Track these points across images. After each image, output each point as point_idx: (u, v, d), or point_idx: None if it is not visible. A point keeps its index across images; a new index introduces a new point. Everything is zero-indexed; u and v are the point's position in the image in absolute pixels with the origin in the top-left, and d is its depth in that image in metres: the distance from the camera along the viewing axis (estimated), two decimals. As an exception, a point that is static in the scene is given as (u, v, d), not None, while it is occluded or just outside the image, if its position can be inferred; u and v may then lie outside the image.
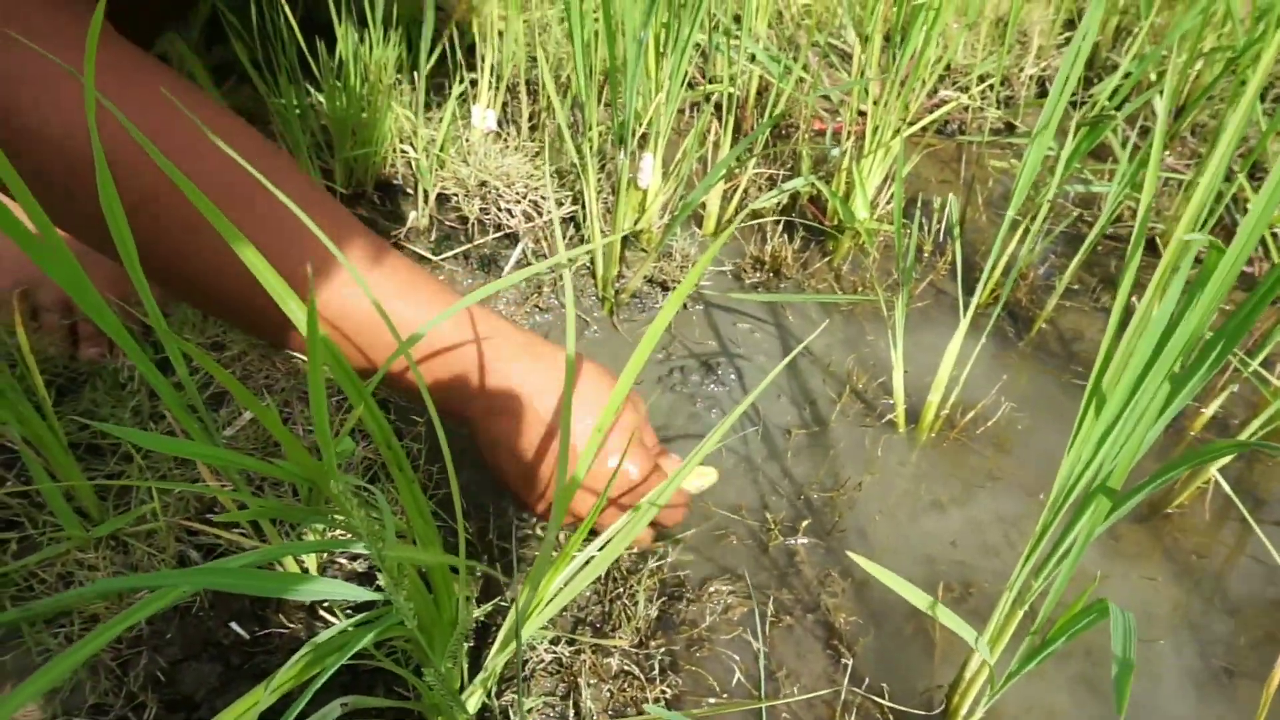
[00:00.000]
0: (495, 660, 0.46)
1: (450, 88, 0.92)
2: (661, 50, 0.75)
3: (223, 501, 0.48)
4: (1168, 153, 0.99)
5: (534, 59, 0.95)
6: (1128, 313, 0.43)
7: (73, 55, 0.41)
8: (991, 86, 1.06)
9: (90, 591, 0.27)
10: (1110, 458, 0.43)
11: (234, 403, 0.60)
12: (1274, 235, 0.89)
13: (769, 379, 0.47)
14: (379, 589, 0.34)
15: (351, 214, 0.49)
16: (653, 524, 0.59)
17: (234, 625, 0.49)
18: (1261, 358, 0.71)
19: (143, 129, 0.35)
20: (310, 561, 0.52)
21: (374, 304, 0.38)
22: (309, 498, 0.43)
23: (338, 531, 0.52)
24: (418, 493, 0.37)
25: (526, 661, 0.53)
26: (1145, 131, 1.04)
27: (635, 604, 0.58)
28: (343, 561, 0.55)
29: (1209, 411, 0.75)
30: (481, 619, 0.54)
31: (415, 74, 0.86)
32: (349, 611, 0.52)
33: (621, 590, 0.59)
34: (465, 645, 0.48)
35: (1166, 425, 0.75)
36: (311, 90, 0.80)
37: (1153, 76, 0.85)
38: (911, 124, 0.90)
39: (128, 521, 0.47)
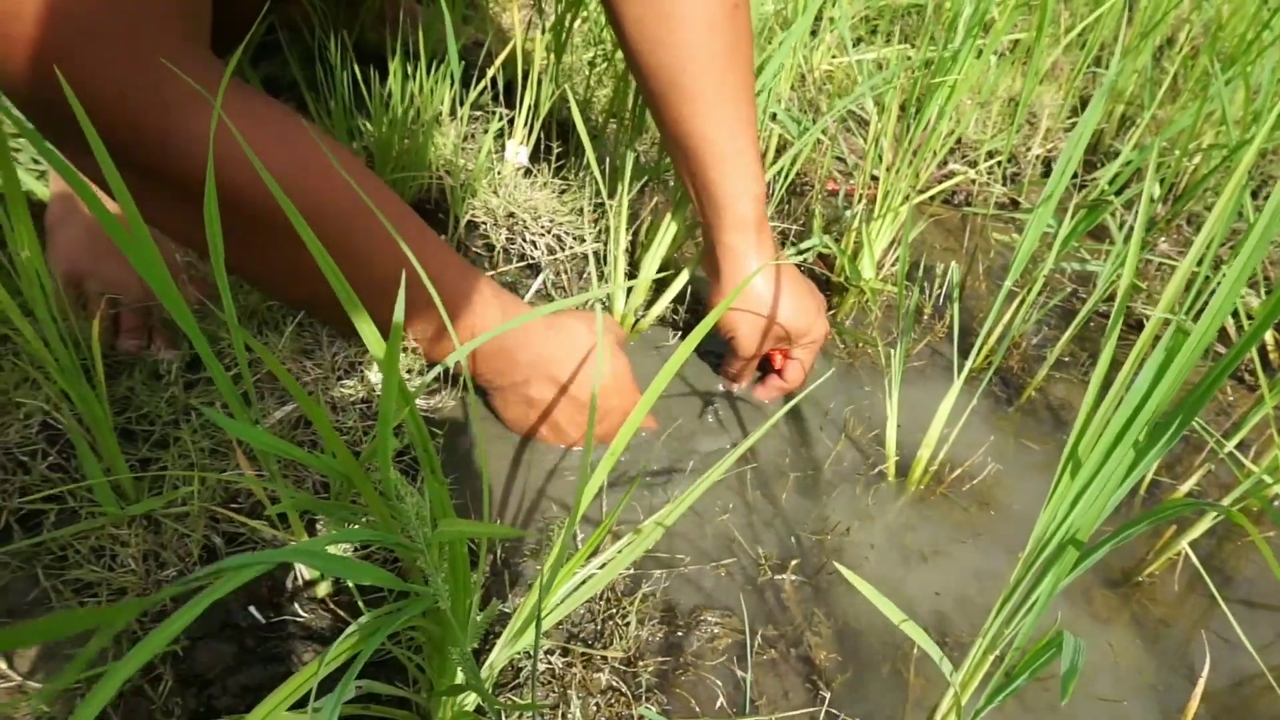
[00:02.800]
0: (500, 656, 0.48)
1: (488, 122, 0.97)
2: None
3: (256, 492, 0.51)
4: (1164, 239, 1.04)
5: (566, 100, 1.00)
6: (1107, 384, 0.46)
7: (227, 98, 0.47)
8: (999, 163, 1.11)
9: (214, 569, 0.30)
10: (1081, 518, 0.47)
11: (265, 400, 0.64)
12: (1249, 317, 0.93)
13: (771, 422, 0.50)
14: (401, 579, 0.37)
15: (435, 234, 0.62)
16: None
17: (252, 609, 0.52)
18: (1237, 440, 0.75)
19: (289, 161, 0.48)
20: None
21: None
22: (339, 492, 0.46)
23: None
24: (445, 494, 0.41)
25: (521, 669, 0.56)
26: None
27: (627, 624, 0.61)
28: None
29: (1184, 488, 0.78)
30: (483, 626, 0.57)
31: (457, 107, 0.91)
32: (359, 605, 0.55)
33: (615, 610, 0.62)
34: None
35: (1142, 497, 0.78)
36: (358, 115, 0.85)
37: (1153, 166, 0.90)
38: (921, 192, 0.95)
39: (162, 504, 0.50)
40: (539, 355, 0.67)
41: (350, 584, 0.52)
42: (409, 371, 0.69)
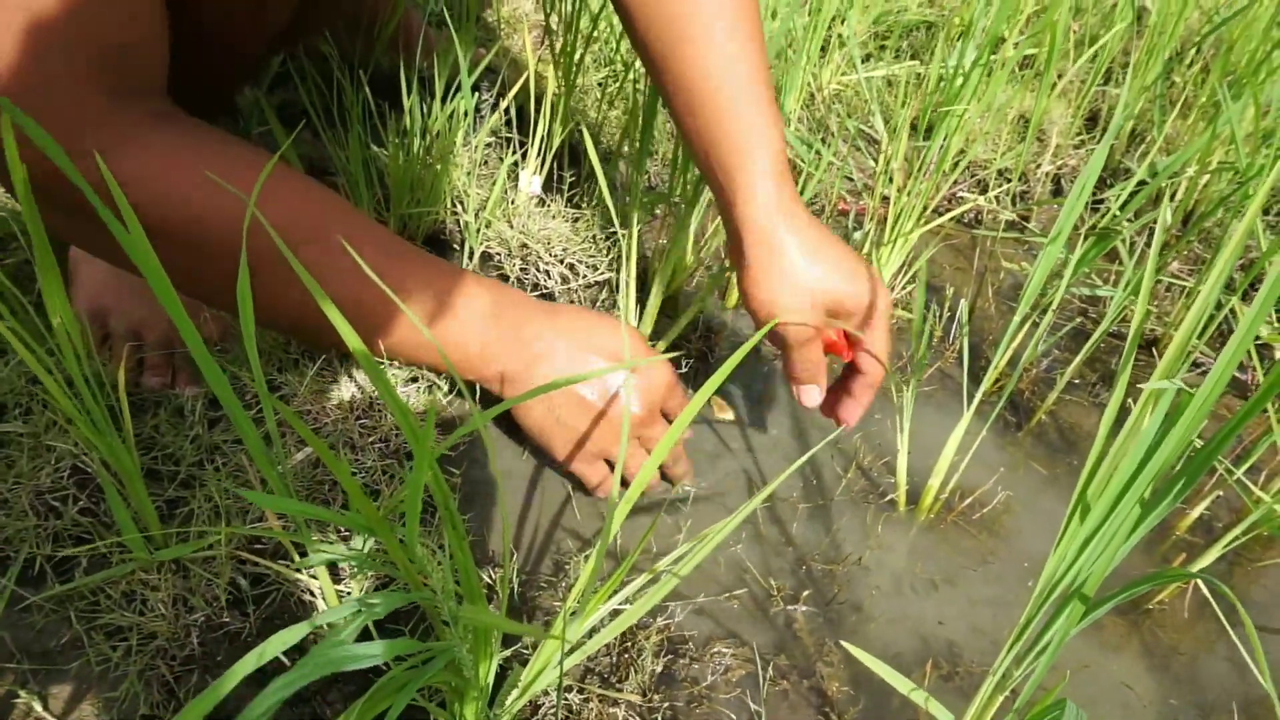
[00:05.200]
0: (518, 700, 0.50)
1: (501, 149, 0.99)
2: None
3: (283, 542, 0.52)
4: (1174, 257, 1.04)
5: (579, 126, 1.01)
6: (1120, 417, 0.47)
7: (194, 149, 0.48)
8: (1009, 179, 1.11)
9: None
10: (1089, 564, 0.48)
11: (286, 442, 0.65)
12: (1265, 348, 0.93)
13: (794, 468, 0.51)
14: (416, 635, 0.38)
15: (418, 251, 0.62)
16: (662, 474, 0.74)
17: (281, 656, 0.53)
18: (1246, 467, 0.76)
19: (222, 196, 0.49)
20: (330, 591, 0.57)
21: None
22: (363, 545, 0.48)
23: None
24: (467, 549, 0.42)
25: (540, 707, 0.57)
26: (1153, 237, 1.09)
27: (642, 657, 0.62)
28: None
29: (1194, 513, 0.79)
30: (498, 669, 0.58)
31: (470, 137, 0.92)
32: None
33: (630, 644, 0.63)
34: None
35: (1152, 528, 0.79)
36: (374, 146, 0.86)
37: (1166, 200, 0.90)
38: (931, 218, 0.96)
39: (190, 550, 0.52)
40: (562, 367, 0.65)
41: (370, 625, 0.54)
42: (412, 381, 0.71)
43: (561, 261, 0.87)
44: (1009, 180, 1.12)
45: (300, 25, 0.70)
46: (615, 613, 0.64)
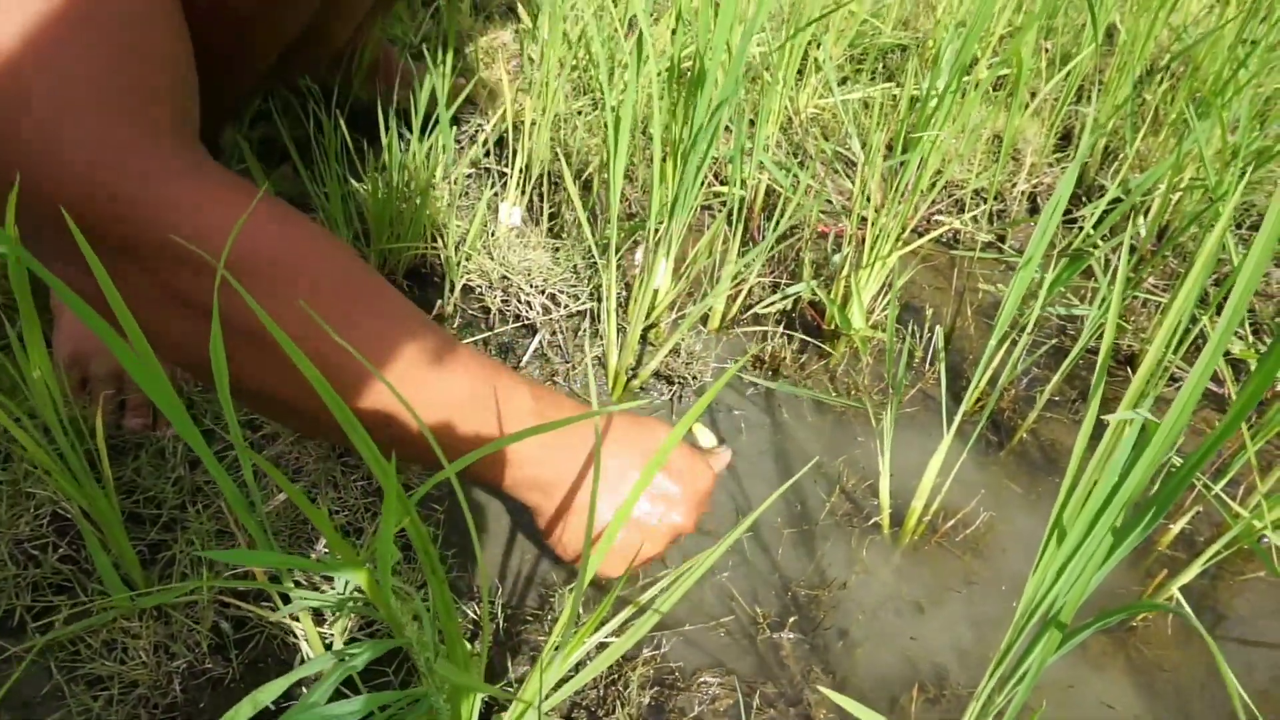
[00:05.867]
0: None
1: (480, 180, 0.99)
2: (679, 162, 0.81)
3: (266, 589, 0.52)
4: (1149, 273, 1.05)
5: (557, 154, 1.02)
6: (1097, 434, 0.48)
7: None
8: (985, 199, 1.12)
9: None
10: (1066, 589, 0.48)
11: (268, 483, 0.65)
12: (1239, 364, 0.95)
13: (777, 495, 0.51)
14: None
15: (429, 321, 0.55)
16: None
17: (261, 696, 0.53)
18: (1224, 482, 0.76)
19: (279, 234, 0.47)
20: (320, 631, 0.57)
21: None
22: (344, 589, 0.48)
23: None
24: (448, 595, 0.42)
25: (526, 743, 0.57)
26: (1130, 252, 1.10)
27: (629, 690, 0.62)
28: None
29: (1175, 529, 0.80)
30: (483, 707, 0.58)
31: (449, 171, 0.92)
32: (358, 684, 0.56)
33: (616, 676, 0.63)
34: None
35: (1134, 546, 0.79)
36: (353, 181, 0.87)
37: (1133, 219, 0.92)
38: (907, 243, 0.97)
39: (172, 597, 0.52)
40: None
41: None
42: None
43: (543, 292, 0.87)
44: (985, 200, 1.13)
45: (286, 64, 0.71)
46: (601, 645, 0.64)
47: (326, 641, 0.57)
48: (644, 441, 0.61)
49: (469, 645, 0.62)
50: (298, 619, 0.54)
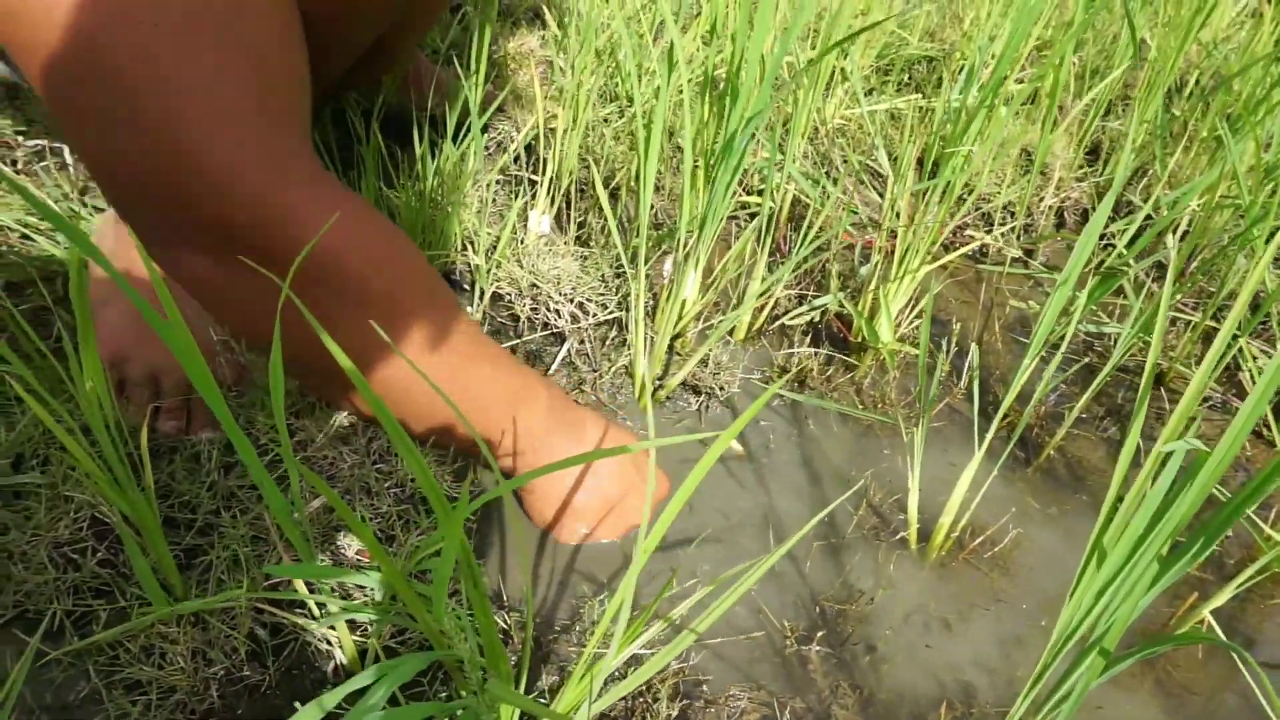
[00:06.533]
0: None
1: (510, 186, 0.99)
2: (710, 171, 0.81)
3: (305, 600, 0.52)
4: (1179, 291, 1.05)
5: (586, 162, 1.02)
6: (1134, 454, 0.48)
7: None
8: (1013, 214, 1.12)
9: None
10: (1108, 612, 0.48)
11: (302, 488, 0.65)
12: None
13: (811, 524, 0.52)
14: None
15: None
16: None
17: (296, 704, 0.53)
18: (1255, 506, 0.76)
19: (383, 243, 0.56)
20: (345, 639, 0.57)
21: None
22: (383, 595, 0.48)
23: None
24: (489, 609, 0.42)
25: (557, 755, 0.57)
26: (1159, 268, 1.10)
27: (658, 703, 0.62)
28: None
29: (1206, 552, 0.79)
30: None
31: (479, 178, 0.93)
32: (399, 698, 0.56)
33: (646, 688, 0.64)
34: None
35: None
36: (385, 188, 0.87)
37: (1173, 255, 0.91)
38: (937, 256, 0.96)
39: (210, 604, 0.52)
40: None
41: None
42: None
43: (571, 300, 0.87)
44: (1013, 214, 1.12)
45: (352, 76, 0.73)
46: (634, 658, 0.64)
47: (361, 649, 0.57)
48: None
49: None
50: (334, 626, 0.55)
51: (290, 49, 0.52)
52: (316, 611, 0.53)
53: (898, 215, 0.98)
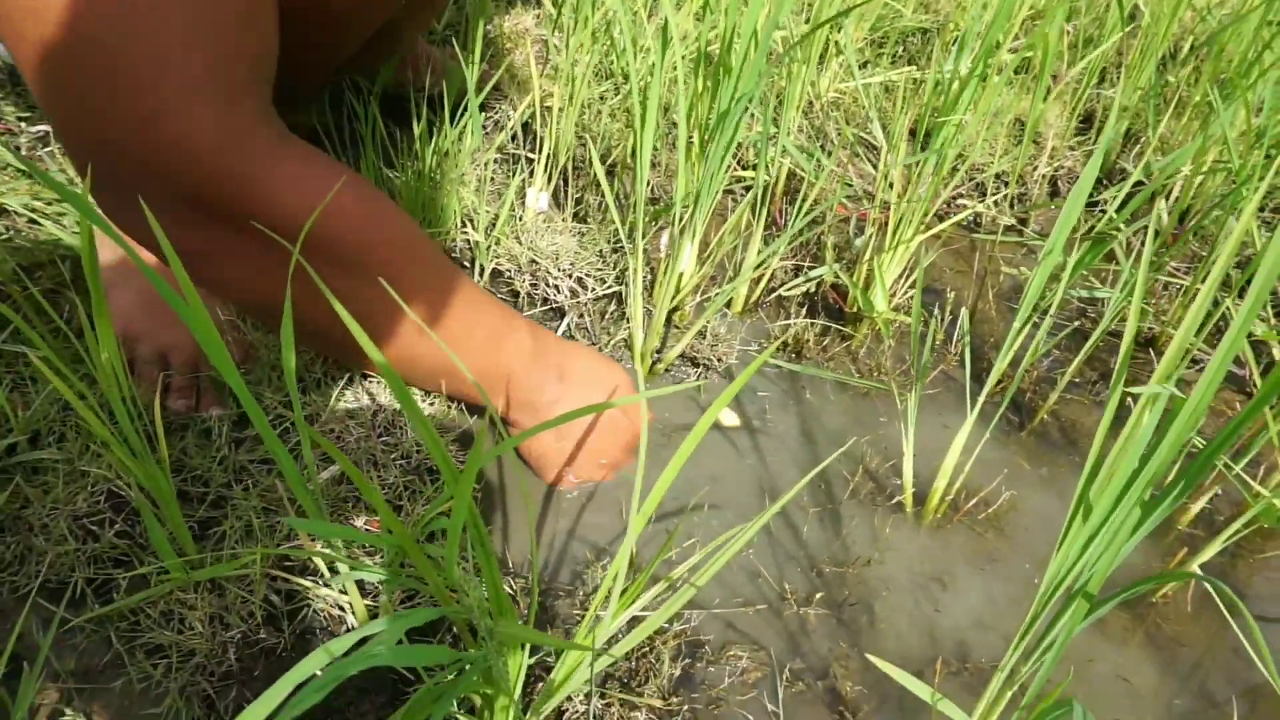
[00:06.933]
0: (545, 704, 0.52)
1: (508, 164, 1.01)
2: (705, 146, 0.83)
3: (316, 562, 0.54)
4: (1170, 256, 1.06)
5: (583, 140, 1.03)
6: (1120, 415, 0.49)
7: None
8: (1006, 183, 1.13)
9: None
10: (1092, 562, 0.50)
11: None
12: (1260, 345, 0.95)
13: (807, 480, 0.53)
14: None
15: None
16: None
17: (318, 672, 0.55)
18: (1245, 462, 0.78)
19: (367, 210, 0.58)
20: (357, 605, 0.59)
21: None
22: (392, 559, 0.50)
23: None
24: (496, 568, 0.44)
25: (564, 713, 0.59)
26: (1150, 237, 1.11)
27: (660, 662, 0.64)
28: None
29: (1195, 508, 0.81)
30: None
31: (477, 156, 0.94)
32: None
33: (648, 649, 0.65)
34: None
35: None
36: (384, 167, 0.88)
37: (1154, 212, 0.92)
38: (929, 227, 0.98)
39: (226, 570, 0.54)
40: (570, 398, 0.73)
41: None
42: (429, 399, 0.73)
43: (570, 276, 0.89)
44: (1006, 184, 1.13)
45: (354, 61, 0.74)
46: (634, 620, 0.66)
47: (372, 612, 0.59)
48: (609, 380, 0.75)
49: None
50: (345, 591, 0.57)
51: (260, 17, 0.53)
52: (328, 574, 0.55)
53: (891, 186, 0.99)
